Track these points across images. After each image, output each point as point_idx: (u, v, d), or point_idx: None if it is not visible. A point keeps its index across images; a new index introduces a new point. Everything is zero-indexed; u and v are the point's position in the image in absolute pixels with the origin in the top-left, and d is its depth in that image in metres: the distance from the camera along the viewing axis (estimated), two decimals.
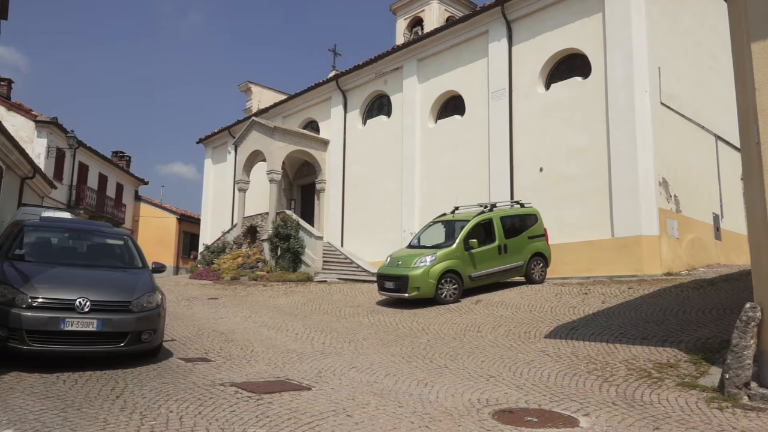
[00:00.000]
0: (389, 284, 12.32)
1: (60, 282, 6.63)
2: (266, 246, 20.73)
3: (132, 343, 6.56)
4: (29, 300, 6.20)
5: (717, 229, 16.14)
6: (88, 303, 6.34)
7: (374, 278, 14.45)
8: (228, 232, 25.16)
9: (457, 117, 18.94)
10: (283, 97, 28.57)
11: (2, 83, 28.00)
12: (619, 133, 14.35)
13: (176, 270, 35.17)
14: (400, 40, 31.93)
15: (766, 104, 5.09)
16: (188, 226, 37.28)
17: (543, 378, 6.23)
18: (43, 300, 6.26)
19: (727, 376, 5.26)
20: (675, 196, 14.52)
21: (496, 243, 12.85)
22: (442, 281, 11.90)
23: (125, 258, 8.12)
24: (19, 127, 25.45)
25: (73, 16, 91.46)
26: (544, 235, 13.84)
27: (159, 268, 8.22)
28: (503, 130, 17.01)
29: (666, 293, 10.25)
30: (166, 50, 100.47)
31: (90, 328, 6.28)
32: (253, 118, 24.30)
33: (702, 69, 16.43)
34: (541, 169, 16.02)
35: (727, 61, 6.52)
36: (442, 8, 32.09)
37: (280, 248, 20.04)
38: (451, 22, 19.95)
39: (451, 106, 19.42)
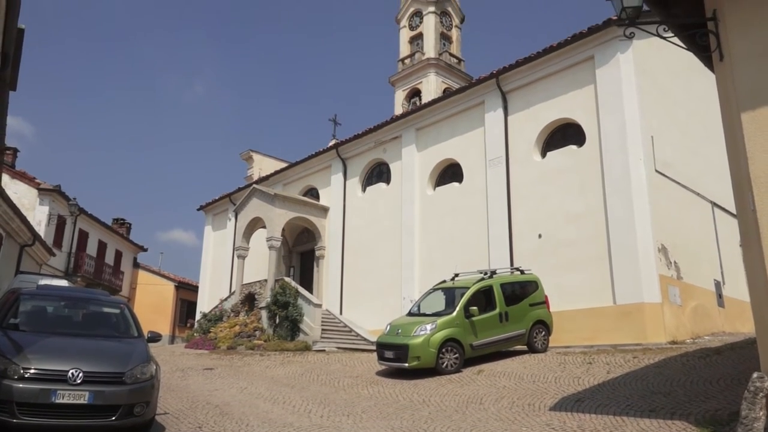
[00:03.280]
0: (389, 353, 12.08)
1: (53, 352, 6.50)
2: (264, 314, 20.46)
3: (124, 416, 6.34)
4: (21, 371, 6.06)
5: (719, 296, 16.00)
6: (80, 374, 6.18)
7: (374, 347, 14.18)
8: (226, 299, 24.90)
9: (455, 184, 19.18)
10: (283, 165, 29.04)
11: (8, 152, 28.48)
12: (616, 200, 14.50)
13: (172, 339, 34.56)
14: (398, 110, 32.87)
15: (759, 173, 5.16)
16: (186, 294, 36.95)
17: None
18: (36, 371, 6.11)
19: None
20: (675, 262, 14.49)
21: (497, 310, 12.69)
22: (443, 350, 11.66)
23: (121, 327, 8.00)
24: (22, 195, 25.70)
25: (80, 84, 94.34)
26: (545, 302, 13.70)
27: (154, 338, 8.10)
28: (501, 197, 17.19)
29: (672, 363, 10.03)
30: (169, 119, 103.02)
31: (81, 401, 6.10)
32: (254, 185, 24.60)
33: (694, 138, 16.81)
34: (540, 236, 16.06)
35: (718, 130, 6.67)
36: (439, 80, 33.21)
37: (279, 316, 19.77)
38: (448, 94, 20.58)
39: (450, 173, 19.71)
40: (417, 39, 35.03)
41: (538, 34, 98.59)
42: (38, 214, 25.99)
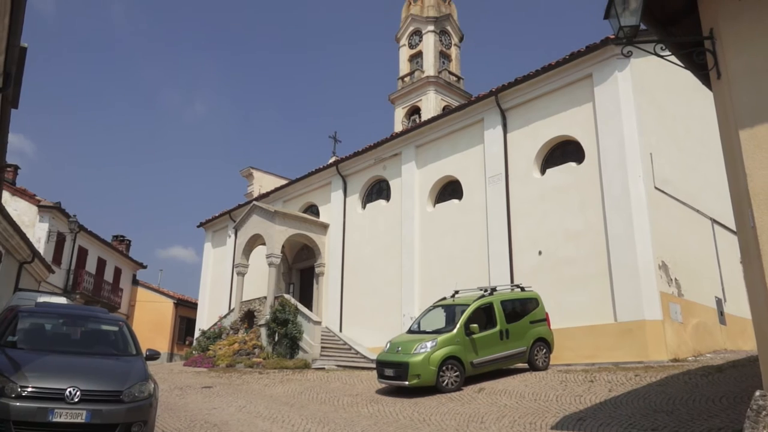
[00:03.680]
0: (389, 371, 11.99)
1: (51, 370, 6.46)
2: (263, 331, 20.36)
3: None
4: (18, 389, 6.01)
5: (721, 313, 15.94)
6: (78, 393, 6.13)
7: (374, 365, 14.09)
8: (225, 317, 24.80)
9: (455, 201, 19.20)
10: (284, 182, 29.10)
11: (9, 169, 28.56)
12: (615, 217, 14.50)
13: (171, 357, 34.35)
14: (398, 127, 33.03)
15: (758, 189, 5.17)
16: (185, 311, 36.80)
17: None
18: (33, 389, 6.07)
19: None
20: (676, 279, 14.45)
21: (498, 328, 12.63)
22: (444, 368, 11.58)
23: (119, 345, 7.96)
24: (22, 212, 25.73)
25: (81, 101, 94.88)
26: (545, 320, 13.63)
27: (153, 356, 8.05)
28: (501, 214, 17.20)
29: (674, 381, 9.96)
30: (170, 136, 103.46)
31: (79, 420, 6.04)
32: (254, 202, 24.63)
33: (692, 155, 16.87)
34: (540, 253, 16.04)
35: (717, 147, 6.69)
36: (438, 98, 33.43)
37: (278, 333, 19.67)
38: (447, 111, 20.68)
39: (449, 190, 19.75)
40: (416, 57, 35.33)
41: (537, 53, 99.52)
42: (38, 231, 25.99)
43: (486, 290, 13.55)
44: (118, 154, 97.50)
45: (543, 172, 16.85)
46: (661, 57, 6.09)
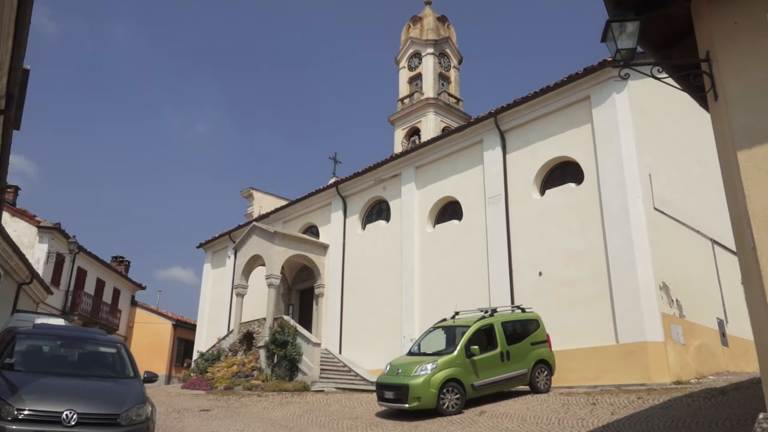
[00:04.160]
0: (389, 394, 11.86)
1: (48, 393, 6.41)
2: (262, 353, 20.20)
3: None
4: (15, 412, 5.96)
5: (723, 334, 15.84)
6: (75, 416, 6.08)
7: (373, 387, 13.96)
8: (224, 338, 24.63)
9: (455, 222, 19.21)
10: (284, 202, 29.15)
11: (9, 190, 28.62)
12: (615, 238, 14.49)
13: (168, 379, 34.03)
14: (398, 148, 33.19)
15: (758, 210, 5.17)
16: (183, 333, 36.56)
17: None
18: (30, 412, 6.01)
19: None
20: (677, 300, 14.39)
21: (499, 349, 12.53)
22: (444, 391, 11.46)
23: (117, 367, 7.91)
24: (22, 233, 25.71)
25: (81, 122, 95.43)
26: (546, 341, 13.54)
27: (151, 378, 7.99)
28: (501, 235, 17.19)
29: (677, 403, 9.86)
30: (171, 157, 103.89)
31: None
32: (254, 222, 24.64)
33: (691, 176, 16.93)
34: (540, 273, 16.00)
35: (715, 167, 6.72)
36: (438, 119, 33.64)
37: (277, 355, 19.52)
38: (446, 132, 20.80)
39: (449, 211, 19.76)
40: (416, 79, 35.65)
41: (535, 75, 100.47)
42: (37, 252, 25.95)
43: (486, 311, 13.48)
44: (118, 174, 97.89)
45: (542, 192, 16.89)
46: (659, 79, 6.14)
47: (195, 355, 27.31)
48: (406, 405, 11.38)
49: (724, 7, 5.39)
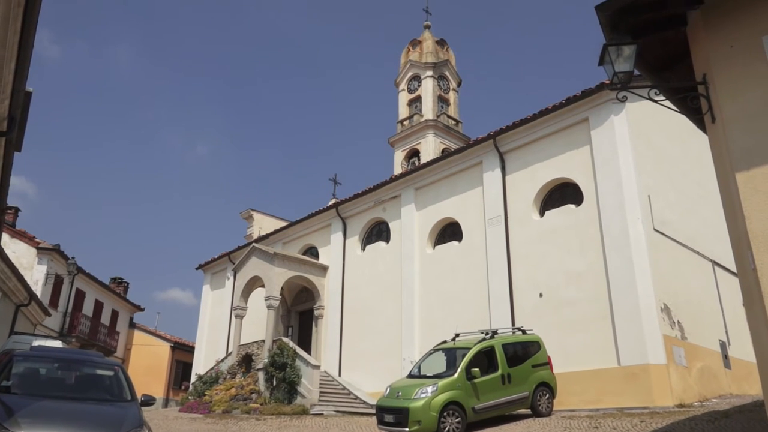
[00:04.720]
0: (389, 417, 11.71)
1: (45, 416, 6.33)
2: (261, 376, 20.02)
3: None
4: None
5: (725, 356, 15.72)
6: None
7: (373, 410, 13.80)
8: (222, 360, 24.43)
9: (454, 243, 19.19)
10: (283, 223, 29.14)
11: (9, 212, 28.65)
12: (615, 259, 14.47)
13: (166, 402, 33.67)
14: (398, 169, 33.33)
15: (757, 231, 5.17)
16: (182, 355, 36.28)
17: None
18: None
19: None
20: (678, 322, 14.31)
21: (500, 372, 12.41)
22: (445, 414, 11.31)
23: (114, 390, 7.82)
24: (21, 254, 25.67)
25: (82, 143, 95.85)
26: (548, 364, 13.41)
27: (148, 401, 7.90)
28: (501, 256, 17.16)
29: (680, 427, 9.73)
30: (170, 178, 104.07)
31: None
32: (254, 244, 24.60)
33: (691, 197, 16.96)
34: (540, 295, 15.94)
35: (714, 189, 6.73)
36: (437, 141, 33.84)
37: (276, 378, 19.33)
38: (446, 154, 20.91)
39: (449, 232, 19.76)
40: (416, 101, 35.93)
41: (534, 97, 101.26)
42: (36, 274, 25.89)
43: (487, 333, 13.38)
44: (118, 195, 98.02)
45: (542, 213, 16.91)
46: (656, 102, 6.19)
47: (193, 378, 27.06)
48: (407, 429, 11.22)
49: (720, 30, 5.46)
